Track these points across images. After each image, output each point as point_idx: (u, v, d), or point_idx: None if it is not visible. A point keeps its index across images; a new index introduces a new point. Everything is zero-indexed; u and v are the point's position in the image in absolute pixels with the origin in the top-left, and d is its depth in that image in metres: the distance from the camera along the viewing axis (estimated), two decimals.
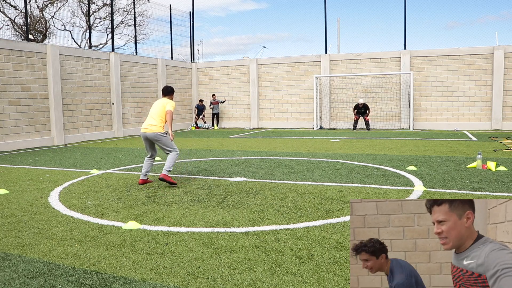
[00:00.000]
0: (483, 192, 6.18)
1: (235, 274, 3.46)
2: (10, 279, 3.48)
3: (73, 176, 8.21)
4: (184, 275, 3.47)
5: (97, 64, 16.81)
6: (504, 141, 12.96)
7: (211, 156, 10.58)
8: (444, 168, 8.14)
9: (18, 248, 4.21)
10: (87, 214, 5.40)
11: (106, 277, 3.46)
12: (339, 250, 3.93)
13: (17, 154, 12.03)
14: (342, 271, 3.47)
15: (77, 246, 4.21)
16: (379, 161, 9.27)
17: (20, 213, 5.53)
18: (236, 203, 5.77)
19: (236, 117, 22.41)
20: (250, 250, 3.98)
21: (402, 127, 19.11)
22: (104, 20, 27.50)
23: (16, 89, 13.60)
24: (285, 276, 3.41)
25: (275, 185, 6.86)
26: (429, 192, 6.22)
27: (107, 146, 13.84)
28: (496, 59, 17.73)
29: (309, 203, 5.67)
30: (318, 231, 4.48)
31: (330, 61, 20.22)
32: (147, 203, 5.90)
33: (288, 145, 12.89)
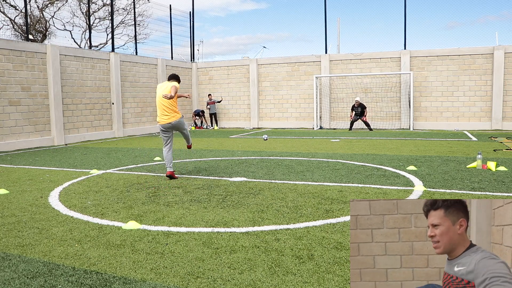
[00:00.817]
0: (483, 192, 6.18)
1: (235, 274, 3.46)
2: (10, 279, 3.47)
3: (73, 176, 8.21)
4: (184, 275, 3.47)
5: (97, 64, 16.81)
6: (504, 141, 12.96)
7: (211, 156, 10.58)
8: (444, 168, 8.14)
9: (18, 248, 4.21)
10: (87, 214, 5.40)
11: (106, 277, 3.46)
12: (339, 250, 3.93)
13: (17, 154, 12.03)
14: (342, 271, 3.47)
15: (77, 246, 4.21)
16: (379, 161, 9.27)
17: (20, 213, 5.53)
18: (236, 203, 5.77)
19: (236, 117, 22.41)
20: (250, 250, 3.98)
21: (402, 127, 19.11)
22: (104, 20, 27.50)
23: (16, 89, 13.60)
24: (285, 276, 3.41)
25: (275, 185, 6.86)
26: (429, 192, 6.22)
27: (107, 146, 13.84)
28: (496, 59, 17.73)
29: (309, 203, 5.67)
30: (318, 231, 4.48)
31: (330, 61, 20.22)
32: (147, 203, 5.90)
33: (288, 145, 12.89)
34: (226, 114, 22.59)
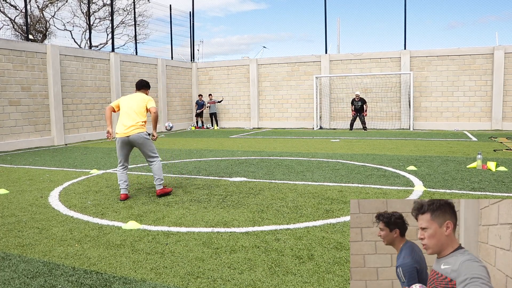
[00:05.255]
0: (483, 192, 6.18)
1: (235, 274, 3.46)
2: (10, 279, 3.48)
3: (73, 176, 8.21)
4: (184, 275, 3.47)
5: (97, 64, 16.81)
6: (504, 141, 12.96)
7: (211, 156, 10.58)
8: (444, 168, 8.14)
9: (18, 248, 4.21)
10: (87, 214, 5.40)
11: (106, 277, 3.46)
12: (339, 250, 3.93)
13: (17, 154, 12.03)
14: (342, 271, 3.47)
15: (77, 246, 4.21)
16: (379, 161, 9.27)
17: (20, 213, 5.53)
18: (236, 203, 5.77)
19: (236, 117, 22.41)
20: (250, 250, 3.98)
21: (402, 127, 19.11)
22: (104, 20, 27.51)
23: (16, 89, 13.60)
24: (285, 276, 3.41)
25: (275, 185, 6.86)
26: (429, 192, 6.22)
27: (107, 146, 13.84)
28: (496, 59, 17.73)
29: (309, 203, 5.67)
30: (318, 231, 4.48)
31: (330, 61, 20.22)
32: (147, 203, 5.90)
33: (288, 145, 12.89)
34: (226, 114, 22.58)
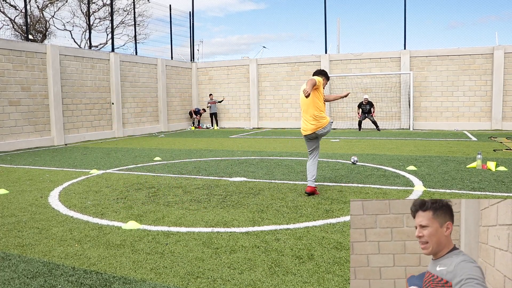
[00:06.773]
0: (483, 192, 6.18)
1: (235, 274, 3.46)
2: (10, 279, 3.48)
3: (73, 176, 8.20)
4: (184, 275, 3.47)
5: (97, 64, 16.81)
6: (504, 141, 12.96)
7: (211, 156, 10.58)
8: (444, 168, 8.14)
9: (18, 248, 4.21)
10: (87, 214, 5.40)
11: (106, 277, 3.46)
12: (339, 250, 3.93)
13: (17, 154, 12.03)
14: (342, 271, 3.47)
15: (77, 246, 4.21)
16: (379, 161, 9.26)
17: (20, 213, 5.53)
18: (236, 203, 5.77)
19: (236, 117, 22.41)
20: (250, 250, 3.98)
21: (402, 127, 19.10)
22: (104, 20, 27.50)
23: (16, 89, 13.60)
24: (285, 276, 3.41)
25: (275, 185, 6.86)
26: (429, 192, 6.22)
27: (107, 146, 13.84)
28: (496, 59, 17.73)
29: (309, 203, 5.67)
30: (318, 231, 4.48)
31: (330, 61, 20.22)
32: (147, 203, 5.90)
33: (288, 145, 12.89)
34: (226, 114, 22.58)
